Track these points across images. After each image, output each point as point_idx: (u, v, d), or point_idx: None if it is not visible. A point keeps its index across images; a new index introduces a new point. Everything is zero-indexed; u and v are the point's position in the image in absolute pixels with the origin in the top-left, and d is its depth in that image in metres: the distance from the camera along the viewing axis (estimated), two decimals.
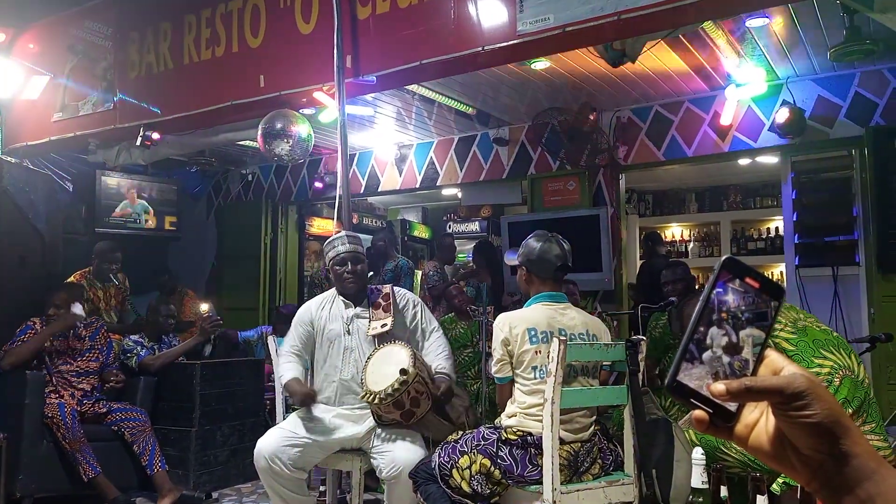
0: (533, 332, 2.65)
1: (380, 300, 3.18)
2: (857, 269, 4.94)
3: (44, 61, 5.08)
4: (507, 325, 2.67)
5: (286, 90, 3.98)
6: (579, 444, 2.60)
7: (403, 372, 2.72)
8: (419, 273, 6.94)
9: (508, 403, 2.70)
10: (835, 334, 2.61)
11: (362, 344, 3.10)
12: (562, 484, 2.45)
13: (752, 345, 0.65)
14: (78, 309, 4.33)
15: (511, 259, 2.95)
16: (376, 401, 2.73)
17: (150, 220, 6.90)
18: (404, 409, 2.78)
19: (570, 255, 2.81)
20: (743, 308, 0.66)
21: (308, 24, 3.87)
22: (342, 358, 3.11)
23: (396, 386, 2.70)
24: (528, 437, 2.56)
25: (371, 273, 5.88)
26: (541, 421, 2.50)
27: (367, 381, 2.80)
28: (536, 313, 2.70)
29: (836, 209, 5.19)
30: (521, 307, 2.83)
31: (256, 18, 4.11)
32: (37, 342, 4.18)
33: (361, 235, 3.70)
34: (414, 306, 3.25)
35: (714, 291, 0.66)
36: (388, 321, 3.08)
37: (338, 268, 3.16)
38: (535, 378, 2.63)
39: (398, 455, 2.82)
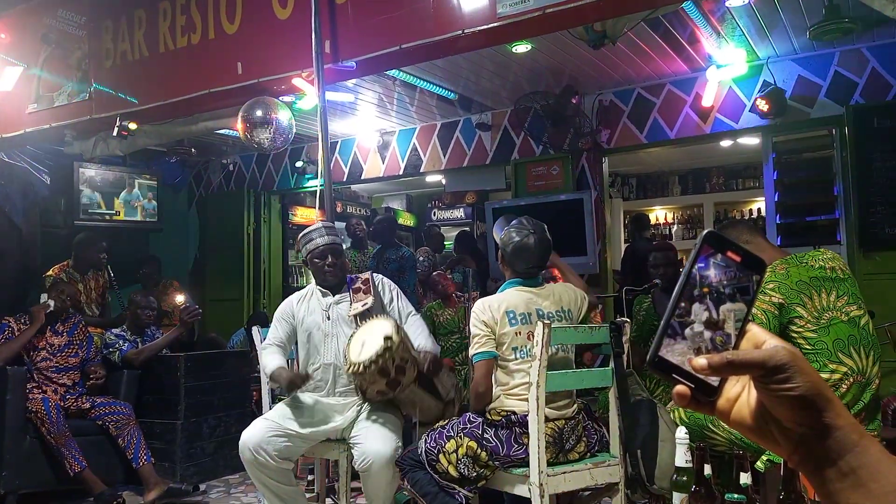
0: (512, 314, 2.66)
1: (359, 285, 3.18)
2: (838, 248, 4.98)
3: (17, 52, 4.97)
4: (487, 308, 2.68)
5: (265, 77, 3.93)
6: (563, 422, 2.61)
7: (387, 339, 2.70)
8: None
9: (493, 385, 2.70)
10: (863, 322, 2.44)
11: (342, 328, 3.09)
12: (548, 464, 2.46)
13: (734, 319, 0.65)
14: (43, 297, 4.29)
15: (497, 234, 2.92)
16: (360, 369, 2.69)
17: (141, 205, 6.76)
18: (390, 376, 2.75)
19: (548, 252, 2.78)
20: (725, 282, 0.65)
21: (285, 9, 3.82)
22: (323, 344, 3.11)
23: (380, 352, 2.67)
24: (512, 416, 2.57)
25: (379, 246, 5.79)
26: (523, 400, 2.53)
27: (350, 354, 2.78)
28: (512, 296, 2.71)
29: (817, 189, 5.23)
30: None
31: (232, 4, 4.04)
32: (21, 340, 4.15)
33: (338, 224, 3.67)
34: (391, 290, 3.25)
35: (696, 266, 0.65)
36: (370, 300, 3.08)
37: (317, 260, 3.13)
38: (516, 358, 2.65)
39: (369, 447, 2.79)
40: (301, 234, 3.24)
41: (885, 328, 3.88)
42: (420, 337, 3.09)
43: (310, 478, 3.90)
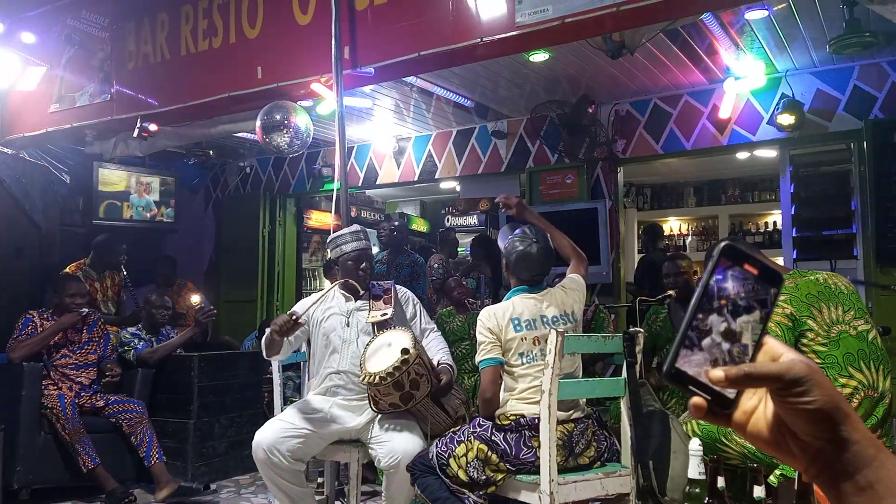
0: (517, 321, 2.71)
1: (381, 293, 3.21)
2: (854, 263, 4.94)
3: (40, 52, 5.05)
4: (493, 316, 2.73)
5: (284, 81, 3.96)
6: (572, 425, 2.63)
7: (405, 352, 2.72)
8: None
9: (502, 391, 2.72)
10: (871, 336, 2.44)
11: (361, 335, 3.10)
12: (559, 467, 2.46)
13: (751, 331, 0.65)
14: (85, 310, 4.35)
15: (501, 243, 2.97)
16: (376, 380, 2.71)
17: (158, 214, 6.85)
18: (404, 390, 2.77)
19: (550, 260, 2.84)
20: (742, 295, 0.66)
21: (306, 14, 3.85)
22: (340, 350, 3.12)
23: (397, 365, 2.70)
24: (521, 420, 2.60)
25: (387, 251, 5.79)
26: (531, 403, 2.58)
27: (367, 364, 2.80)
28: (517, 304, 2.76)
29: (834, 203, 5.19)
30: None
31: (254, 9, 4.08)
32: (48, 335, 4.20)
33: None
34: (414, 304, 3.28)
35: (713, 278, 0.66)
36: (389, 311, 3.10)
37: (352, 263, 3.16)
38: (523, 363, 2.69)
39: (397, 445, 2.82)
40: (336, 234, 3.25)
41: None
42: (440, 352, 3.11)
43: (319, 480, 3.91)
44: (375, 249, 6.41)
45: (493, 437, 2.60)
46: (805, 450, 0.62)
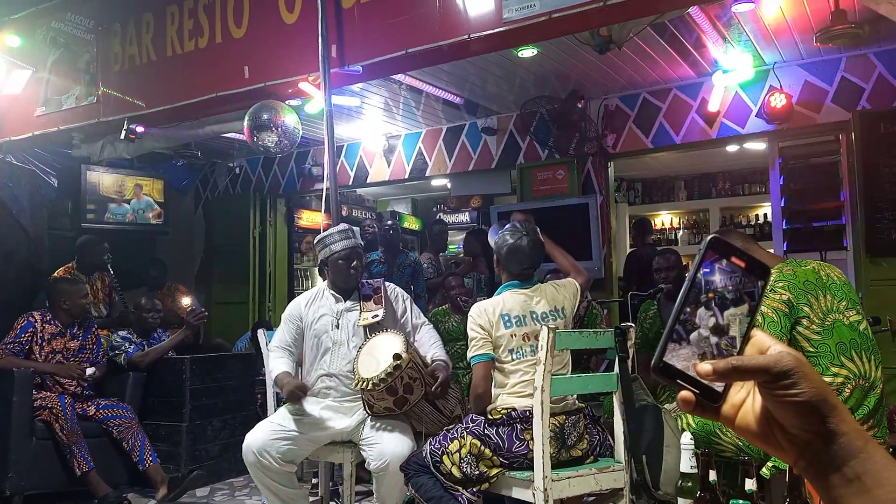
0: (507, 317, 2.73)
1: (371, 293, 3.19)
2: (844, 254, 4.96)
3: (25, 55, 5.00)
4: (484, 312, 2.75)
5: (271, 81, 3.94)
6: (563, 417, 2.64)
7: (397, 357, 2.72)
8: None
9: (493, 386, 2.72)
10: (863, 326, 2.46)
11: (351, 337, 3.09)
12: (553, 464, 2.46)
13: (738, 324, 0.65)
14: (90, 371, 4.32)
15: (492, 238, 2.98)
16: (369, 386, 2.71)
17: (154, 217, 6.80)
18: (397, 395, 2.77)
19: (541, 253, 2.85)
20: (729, 288, 0.65)
21: (292, 13, 3.83)
22: (331, 351, 3.10)
23: (390, 371, 2.70)
24: (513, 413, 2.61)
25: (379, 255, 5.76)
26: (522, 396, 2.62)
27: (359, 369, 2.79)
28: (507, 299, 2.77)
29: (823, 194, 5.21)
30: None
31: (240, 8, 4.06)
32: (41, 371, 4.18)
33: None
34: (404, 300, 3.26)
35: (700, 272, 0.65)
36: (380, 312, 3.08)
37: (342, 262, 3.15)
38: (513, 359, 2.71)
39: (386, 447, 2.81)
40: (324, 235, 3.22)
41: None
42: (434, 347, 3.10)
43: (314, 481, 3.90)
44: None
45: (485, 432, 2.60)
46: (793, 442, 0.62)
